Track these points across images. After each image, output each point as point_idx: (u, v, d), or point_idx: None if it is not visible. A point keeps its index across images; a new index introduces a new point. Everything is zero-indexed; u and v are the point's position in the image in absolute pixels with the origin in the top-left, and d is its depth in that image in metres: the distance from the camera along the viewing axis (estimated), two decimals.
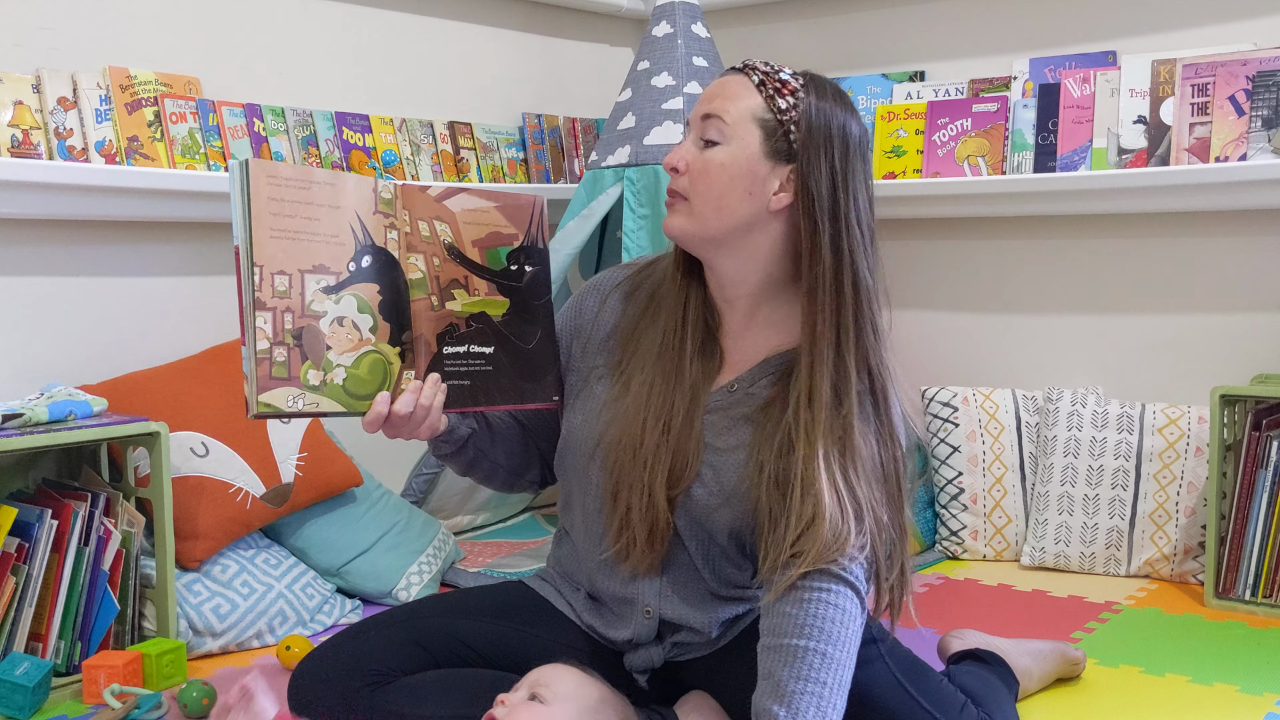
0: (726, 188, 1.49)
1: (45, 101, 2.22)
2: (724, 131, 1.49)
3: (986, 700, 1.63)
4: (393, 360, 1.47)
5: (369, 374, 1.45)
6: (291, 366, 1.39)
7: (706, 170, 1.50)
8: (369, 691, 1.53)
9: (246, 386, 1.38)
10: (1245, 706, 1.86)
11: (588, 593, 1.67)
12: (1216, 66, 2.48)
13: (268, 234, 1.38)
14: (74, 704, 1.95)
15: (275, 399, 1.38)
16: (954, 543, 2.73)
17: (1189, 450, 2.54)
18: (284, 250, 1.39)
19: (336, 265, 1.43)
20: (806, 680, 1.36)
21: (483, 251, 1.56)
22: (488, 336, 1.55)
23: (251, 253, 1.37)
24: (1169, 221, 2.72)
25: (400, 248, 1.48)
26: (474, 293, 1.54)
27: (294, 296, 1.40)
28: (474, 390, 1.54)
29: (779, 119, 1.48)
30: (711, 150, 1.50)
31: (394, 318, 1.47)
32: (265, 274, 1.37)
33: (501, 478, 1.70)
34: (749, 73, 1.52)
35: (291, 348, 1.39)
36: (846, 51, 3.17)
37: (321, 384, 1.41)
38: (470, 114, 3.03)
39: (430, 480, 2.75)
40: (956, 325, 3.04)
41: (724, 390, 1.56)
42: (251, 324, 1.37)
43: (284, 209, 1.39)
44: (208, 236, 2.53)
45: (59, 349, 2.32)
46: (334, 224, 1.43)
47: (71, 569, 2.00)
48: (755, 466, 1.49)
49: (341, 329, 1.43)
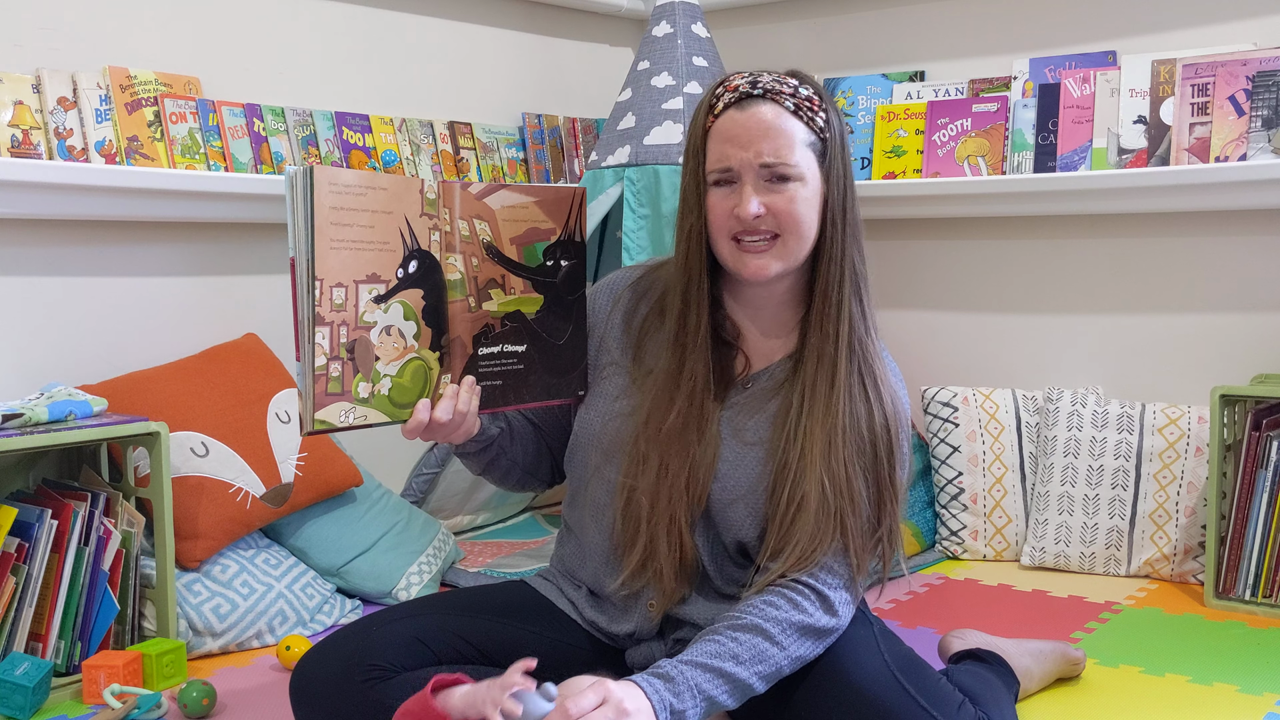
0: (809, 217, 1.53)
1: (45, 101, 2.22)
2: (793, 169, 1.50)
3: (984, 699, 1.63)
4: (433, 365, 1.45)
5: (411, 382, 1.43)
6: (345, 381, 1.36)
7: (794, 208, 1.51)
8: (370, 686, 1.54)
9: (301, 404, 1.35)
10: (1245, 706, 1.86)
11: (590, 589, 1.67)
12: (1216, 66, 2.48)
13: (329, 245, 1.34)
14: (74, 704, 1.95)
15: (330, 415, 1.35)
16: (954, 543, 2.73)
17: (1189, 450, 2.54)
18: (342, 262, 1.35)
19: (387, 273, 1.40)
20: (716, 657, 1.42)
21: (520, 249, 1.53)
22: (521, 335, 1.54)
23: (313, 266, 1.33)
24: (1169, 221, 2.72)
25: (440, 248, 1.45)
26: (510, 291, 1.52)
27: (349, 309, 1.36)
28: (505, 390, 1.53)
29: (821, 138, 1.53)
30: (788, 187, 1.51)
31: (434, 322, 1.45)
32: (324, 287, 1.34)
33: (516, 476, 1.70)
34: (779, 99, 1.51)
35: (345, 361, 1.36)
36: (846, 51, 3.17)
37: (370, 396, 1.39)
38: (470, 114, 3.03)
39: (430, 480, 2.75)
40: (956, 325, 3.04)
41: (740, 387, 1.60)
42: (310, 339, 1.33)
43: (343, 218, 1.35)
44: (208, 236, 2.53)
45: (59, 349, 2.32)
46: (386, 230, 1.39)
47: (71, 569, 2.00)
48: (772, 464, 1.54)
49: (389, 338, 1.40)
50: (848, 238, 1.54)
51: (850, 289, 1.54)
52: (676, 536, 1.55)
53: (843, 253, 1.53)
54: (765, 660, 1.44)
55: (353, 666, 1.55)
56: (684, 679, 1.39)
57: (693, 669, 1.40)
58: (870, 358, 1.55)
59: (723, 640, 1.44)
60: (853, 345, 1.54)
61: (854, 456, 1.51)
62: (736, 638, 1.44)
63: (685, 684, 1.39)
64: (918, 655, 1.60)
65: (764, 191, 1.50)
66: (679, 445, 1.54)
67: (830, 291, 1.53)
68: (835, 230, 1.53)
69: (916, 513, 2.76)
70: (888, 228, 3.03)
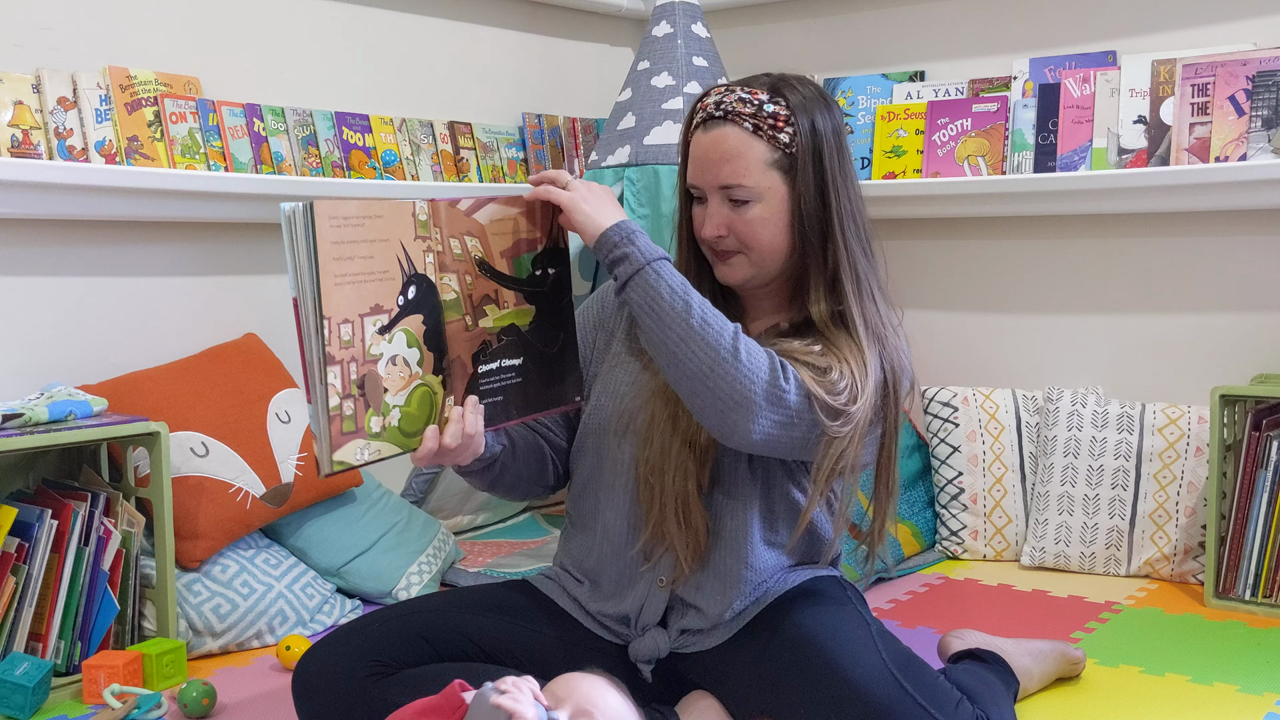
0: (776, 233, 1.58)
1: (45, 101, 2.22)
2: (750, 191, 1.56)
3: (983, 698, 1.63)
4: (437, 390, 1.43)
5: (419, 409, 1.41)
6: (358, 418, 1.33)
7: (752, 228, 1.57)
8: (371, 682, 1.54)
9: (316, 446, 1.31)
10: (1245, 706, 1.86)
11: (593, 580, 1.68)
12: (1216, 66, 2.48)
13: (333, 282, 1.30)
14: (74, 704, 1.95)
15: (347, 455, 1.32)
16: (954, 543, 2.73)
17: (1189, 450, 2.54)
18: (346, 297, 1.31)
19: (388, 303, 1.37)
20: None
21: (510, 261, 1.52)
22: (517, 348, 1.53)
23: (320, 305, 1.28)
24: (1169, 221, 2.72)
25: (435, 269, 1.43)
26: (503, 306, 1.51)
27: (357, 344, 1.33)
28: (506, 405, 1.52)
29: (787, 153, 1.56)
30: (747, 209, 1.57)
31: (435, 345, 1.43)
32: (333, 325, 1.30)
33: (522, 489, 1.71)
34: (739, 120, 1.55)
35: (357, 399, 1.33)
36: (846, 51, 3.17)
37: (382, 429, 1.36)
38: (470, 114, 3.03)
39: (430, 480, 2.75)
40: (956, 325, 3.04)
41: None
42: (321, 381, 1.29)
43: (345, 251, 1.31)
44: (208, 236, 2.53)
45: (59, 349, 2.32)
46: (385, 258, 1.36)
47: (71, 569, 2.00)
48: None
49: (395, 368, 1.37)
50: (836, 241, 1.57)
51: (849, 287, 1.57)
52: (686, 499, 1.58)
53: (829, 255, 1.57)
54: (719, 330, 1.47)
55: (355, 662, 1.56)
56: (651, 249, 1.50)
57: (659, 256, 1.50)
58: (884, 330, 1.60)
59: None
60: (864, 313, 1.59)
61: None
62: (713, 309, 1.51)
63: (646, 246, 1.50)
64: (916, 654, 1.60)
65: (725, 214, 1.58)
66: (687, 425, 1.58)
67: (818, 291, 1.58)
68: (813, 233, 1.57)
69: (916, 512, 2.76)
70: (887, 228, 3.02)
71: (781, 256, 1.59)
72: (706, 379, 1.45)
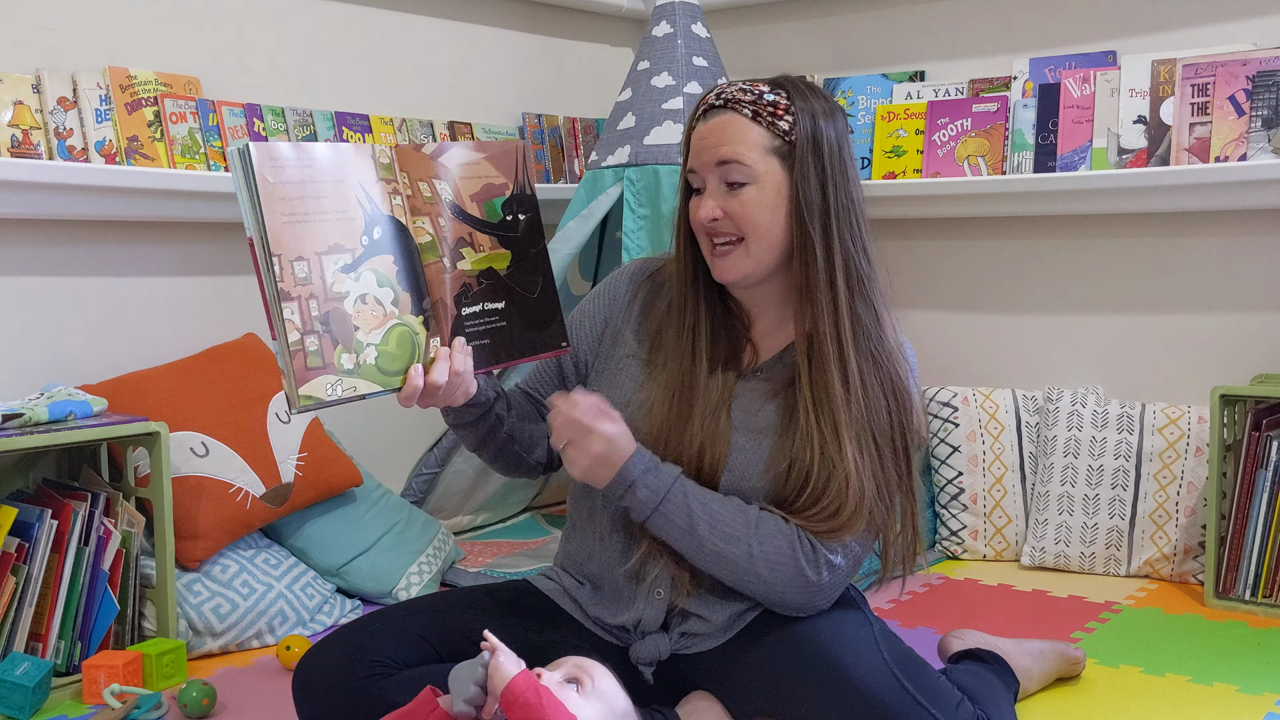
0: (772, 220, 1.56)
1: (45, 101, 2.22)
2: (747, 172, 1.55)
3: (983, 698, 1.63)
4: (418, 330, 1.46)
5: (398, 348, 1.44)
6: (325, 354, 1.37)
7: (747, 210, 1.56)
8: (371, 682, 1.54)
9: (284, 381, 1.36)
10: (1245, 706, 1.86)
11: (594, 584, 1.68)
12: (1216, 66, 2.48)
13: (280, 220, 1.35)
14: (74, 704, 1.95)
15: (315, 389, 1.36)
16: (954, 543, 2.73)
17: (1189, 450, 2.54)
18: (297, 235, 1.36)
19: (350, 242, 1.40)
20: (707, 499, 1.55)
21: (480, 205, 1.54)
22: (499, 291, 1.54)
23: (267, 242, 1.34)
24: (1169, 221, 2.72)
25: (405, 212, 1.46)
26: (479, 249, 1.53)
27: (315, 281, 1.37)
28: (494, 348, 1.53)
29: (787, 140, 1.55)
30: (743, 191, 1.56)
31: (412, 286, 1.46)
32: (284, 262, 1.35)
33: (512, 454, 1.69)
34: (738, 107, 1.56)
35: (322, 335, 1.37)
36: (846, 51, 3.17)
37: (356, 366, 1.40)
38: (470, 114, 3.03)
39: (430, 480, 2.75)
40: (956, 325, 3.04)
41: (750, 374, 1.63)
42: (279, 316, 1.34)
43: (291, 191, 1.36)
44: (207, 236, 2.53)
45: (59, 349, 2.32)
46: (341, 199, 1.40)
47: (71, 569, 2.00)
48: (780, 451, 1.57)
49: (365, 306, 1.41)
50: (835, 237, 1.55)
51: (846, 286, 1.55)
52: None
53: (827, 251, 1.55)
54: (733, 540, 1.53)
55: (356, 661, 1.56)
56: (672, 477, 1.53)
57: (682, 482, 1.54)
58: (880, 355, 1.57)
59: (724, 500, 1.55)
60: (857, 342, 1.56)
61: (868, 445, 1.55)
62: (736, 503, 1.55)
63: (669, 478, 1.53)
64: (917, 654, 1.60)
65: (723, 196, 1.57)
66: (689, 435, 1.58)
67: (815, 290, 1.55)
68: (814, 229, 1.55)
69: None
70: (887, 228, 3.02)
71: (778, 249, 1.57)
72: (745, 589, 1.57)
